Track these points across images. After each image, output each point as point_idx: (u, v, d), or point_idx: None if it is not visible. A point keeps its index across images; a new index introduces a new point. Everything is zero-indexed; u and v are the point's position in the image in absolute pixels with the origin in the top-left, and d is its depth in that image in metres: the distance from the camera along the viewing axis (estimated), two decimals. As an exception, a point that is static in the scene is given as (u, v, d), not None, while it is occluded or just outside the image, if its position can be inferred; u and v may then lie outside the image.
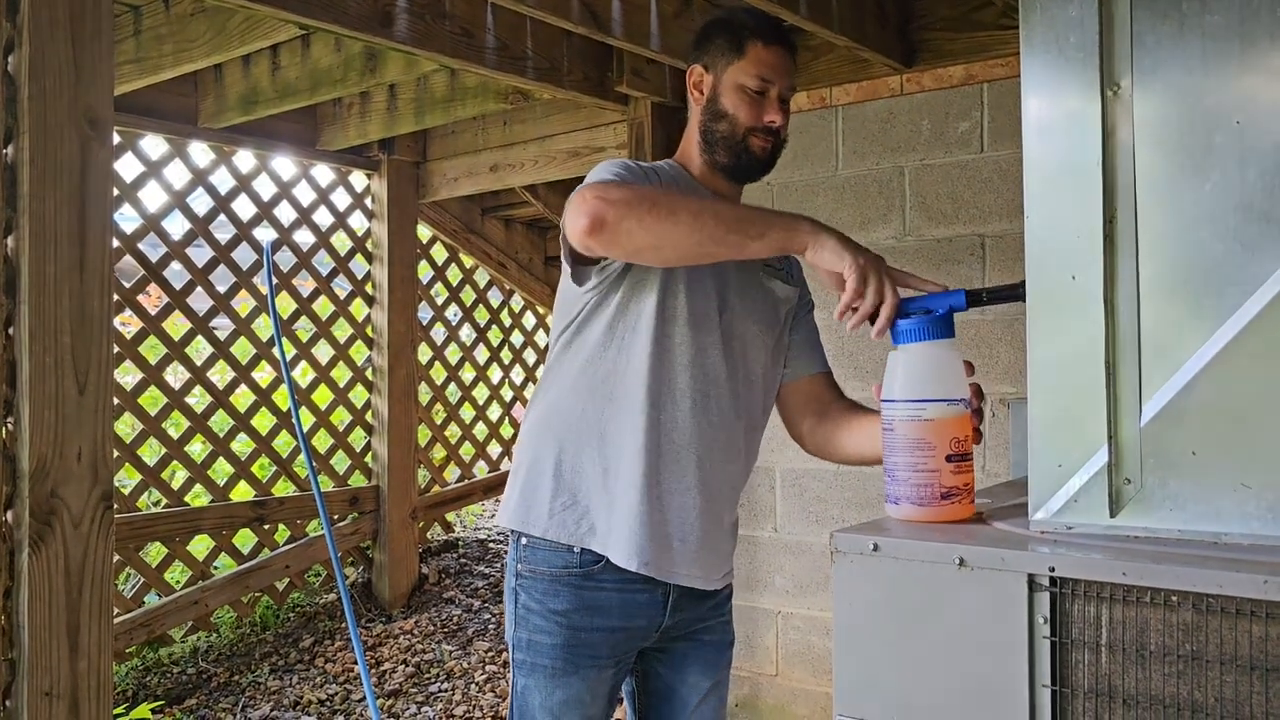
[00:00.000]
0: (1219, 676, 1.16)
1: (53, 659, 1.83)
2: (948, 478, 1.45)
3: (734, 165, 1.82)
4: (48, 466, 1.83)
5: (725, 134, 1.79)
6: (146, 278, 3.99)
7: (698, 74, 1.83)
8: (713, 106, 1.80)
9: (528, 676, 1.75)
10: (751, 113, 1.78)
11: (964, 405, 1.49)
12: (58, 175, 1.84)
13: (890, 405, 1.47)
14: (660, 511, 1.71)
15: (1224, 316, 1.30)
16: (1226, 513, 1.29)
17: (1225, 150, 1.31)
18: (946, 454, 1.44)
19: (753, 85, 1.78)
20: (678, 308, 1.72)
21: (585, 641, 1.72)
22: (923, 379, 1.46)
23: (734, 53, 1.79)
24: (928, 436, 1.44)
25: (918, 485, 1.44)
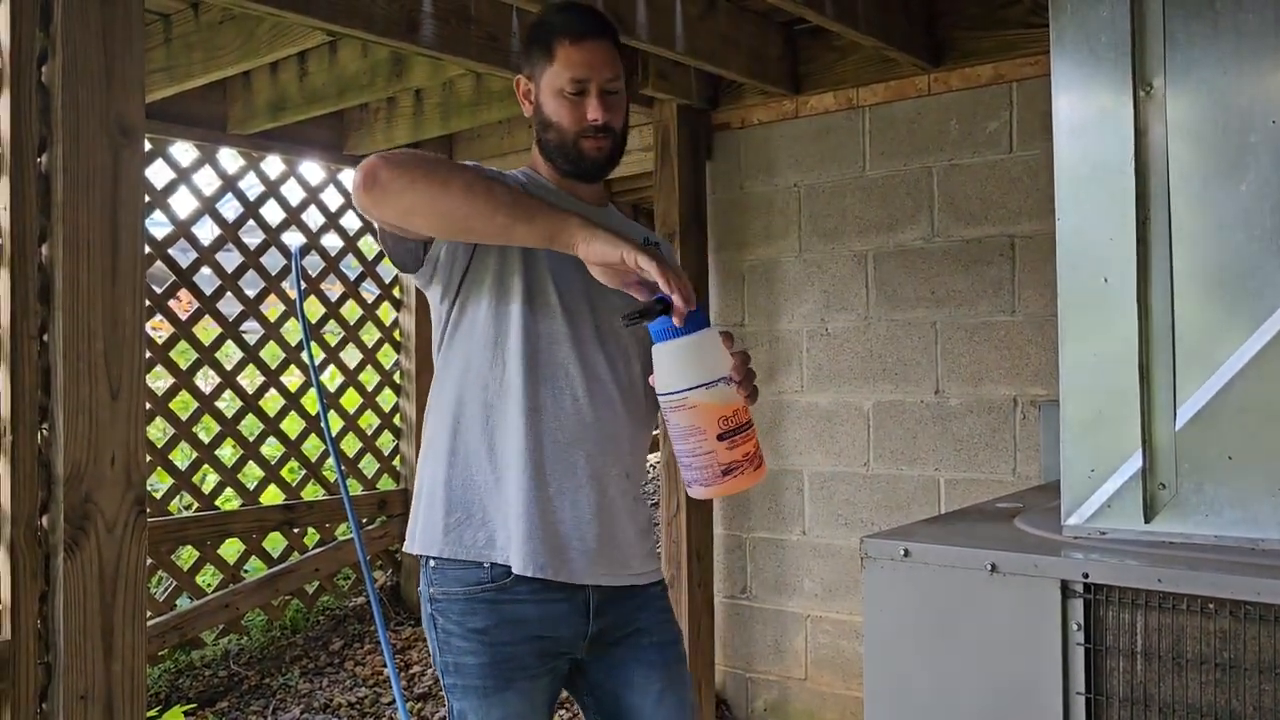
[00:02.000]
0: (1257, 685, 1.15)
1: (88, 662, 1.85)
2: (724, 455, 1.48)
3: (575, 170, 1.77)
4: (82, 472, 1.84)
5: (556, 142, 1.74)
6: (177, 283, 4.02)
7: (523, 84, 1.78)
8: (539, 116, 1.75)
9: (462, 700, 1.71)
10: (574, 115, 1.72)
11: (724, 383, 1.49)
12: (90, 183, 1.86)
13: (661, 399, 1.50)
14: (552, 513, 1.68)
15: (1260, 318, 1.29)
16: (1264, 518, 1.28)
17: (1261, 150, 1.29)
18: (717, 434, 1.47)
19: (569, 88, 1.71)
20: (547, 306, 1.69)
21: (511, 656, 1.68)
22: (681, 370, 1.48)
23: (545, 58, 1.73)
24: (696, 422, 1.47)
25: (701, 467, 1.48)
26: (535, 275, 1.69)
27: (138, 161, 1.94)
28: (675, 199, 3.59)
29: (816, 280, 3.51)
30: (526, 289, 1.68)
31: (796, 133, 3.56)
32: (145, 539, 1.94)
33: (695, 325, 1.49)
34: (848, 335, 3.44)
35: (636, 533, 1.79)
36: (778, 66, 3.42)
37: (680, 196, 3.60)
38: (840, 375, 3.46)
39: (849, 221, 3.44)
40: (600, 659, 1.80)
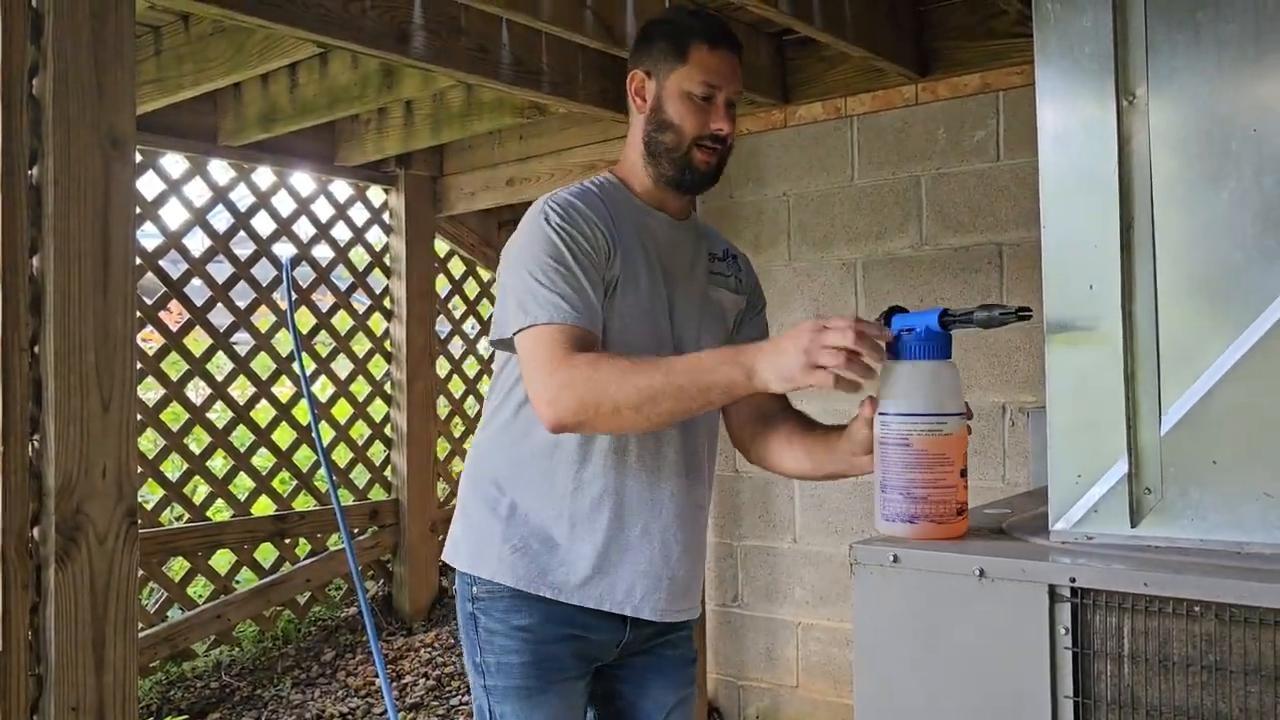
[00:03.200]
0: (1243, 687, 1.16)
1: (79, 674, 1.85)
2: (962, 493, 1.44)
3: (679, 179, 1.73)
4: (73, 483, 1.84)
5: (670, 145, 1.70)
6: (168, 294, 4.02)
7: (639, 80, 1.73)
8: (657, 116, 1.71)
9: (501, 703, 1.70)
10: (698, 122, 1.69)
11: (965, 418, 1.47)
12: (82, 195, 1.86)
13: (905, 419, 1.43)
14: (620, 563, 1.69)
15: (1243, 324, 1.30)
16: (1249, 522, 1.29)
17: (1242, 158, 1.31)
18: (961, 468, 1.43)
19: (699, 92, 1.68)
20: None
21: (553, 655, 1.68)
22: (940, 393, 1.44)
23: (677, 58, 1.69)
24: (948, 452, 1.42)
25: (939, 502, 1.41)
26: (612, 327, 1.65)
27: (129, 173, 1.94)
28: (665, 208, 3.61)
29: (806, 289, 3.53)
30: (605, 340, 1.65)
31: (785, 142, 3.58)
32: (137, 550, 1.94)
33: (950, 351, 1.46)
34: (838, 343, 3.45)
35: (696, 571, 1.79)
36: (766, 76, 3.44)
37: (670, 206, 3.61)
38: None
39: (838, 230, 3.46)
40: (623, 667, 1.81)
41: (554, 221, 1.62)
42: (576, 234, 1.61)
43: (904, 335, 1.44)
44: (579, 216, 1.63)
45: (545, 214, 1.64)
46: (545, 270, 1.58)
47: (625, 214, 1.72)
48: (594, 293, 1.60)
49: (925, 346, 1.44)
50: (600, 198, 1.71)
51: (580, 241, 1.61)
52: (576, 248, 1.60)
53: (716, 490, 3.72)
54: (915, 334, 1.44)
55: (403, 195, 4.65)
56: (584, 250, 1.61)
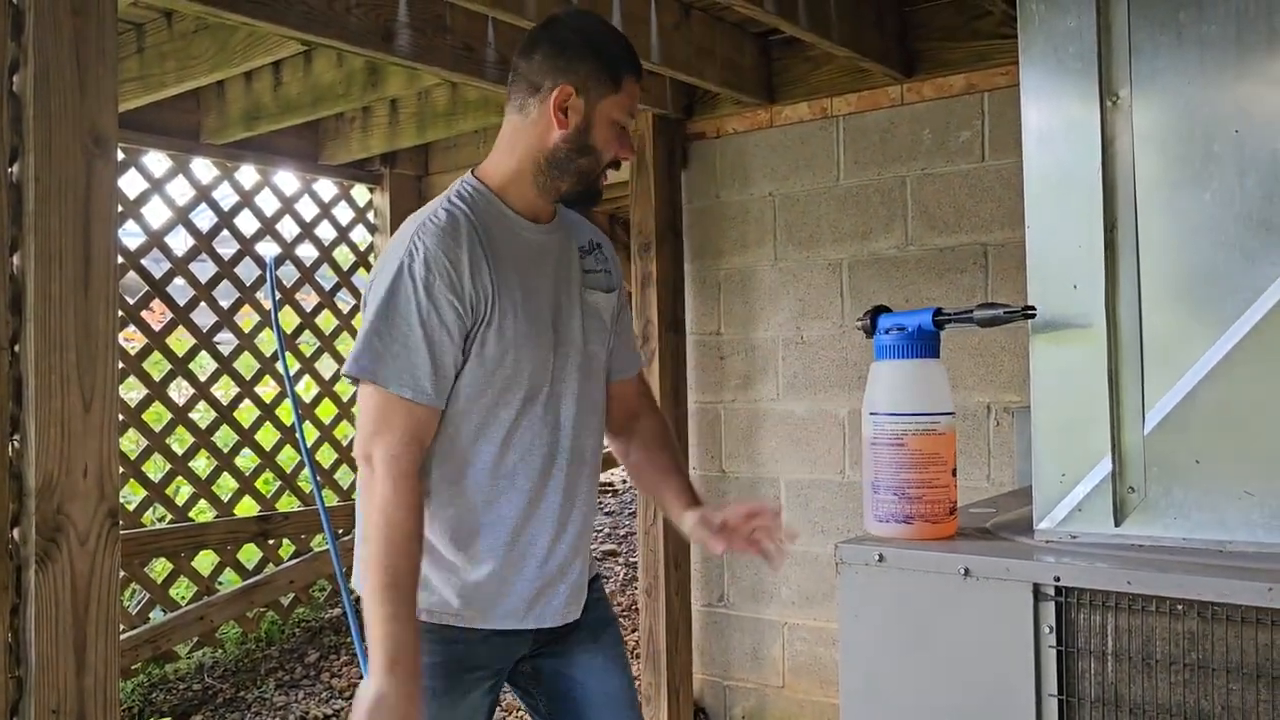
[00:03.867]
0: (1225, 685, 1.16)
1: (59, 676, 1.83)
2: (953, 492, 1.44)
3: (578, 196, 1.72)
4: (54, 483, 1.83)
5: (585, 168, 1.68)
6: (150, 294, 3.99)
7: (568, 95, 1.64)
8: (580, 138, 1.65)
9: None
10: (616, 147, 1.69)
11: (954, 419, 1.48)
12: (63, 193, 1.85)
13: (899, 419, 1.43)
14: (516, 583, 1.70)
15: (1226, 324, 1.31)
16: (1231, 520, 1.30)
17: (1224, 159, 1.32)
18: (953, 468, 1.44)
19: (623, 121, 1.68)
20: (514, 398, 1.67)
21: (463, 655, 1.68)
22: (932, 392, 1.44)
23: (609, 85, 1.66)
24: (941, 451, 1.42)
25: (933, 502, 1.42)
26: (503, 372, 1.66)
27: (111, 172, 1.92)
28: (651, 208, 3.61)
29: (792, 289, 3.53)
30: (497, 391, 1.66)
31: (771, 142, 3.58)
32: (118, 551, 1.92)
33: (939, 350, 1.46)
34: (823, 343, 3.46)
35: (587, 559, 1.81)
36: (752, 76, 3.44)
37: (656, 206, 3.61)
38: (816, 383, 3.47)
39: (824, 230, 3.47)
40: (544, 645, 1.80)
41: (418, 275, 1.57)
42: (438, 291, 1.58)
43: (896, 334, 1.45)
44: (447, 269, 1.58)
45: (409, 264, 1.58)
46: (399, 331, 1.58)
47: (498, 237, 1.66)
48: (446, 360, 1.60)
49: (918, 345, 1.44)
50: (473, 229, 1.63)
51: (441, 302, 1.58)
52: (437, 312, 1.58)
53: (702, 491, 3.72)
54: (907, 332, 1.44)
55: (388, 194, 4.63)
56: (444, 313, 1.58)
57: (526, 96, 1.66)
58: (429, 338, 1.57)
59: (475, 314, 1.60)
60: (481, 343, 1.61)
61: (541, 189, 1.69)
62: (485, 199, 1.68)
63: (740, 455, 3.66)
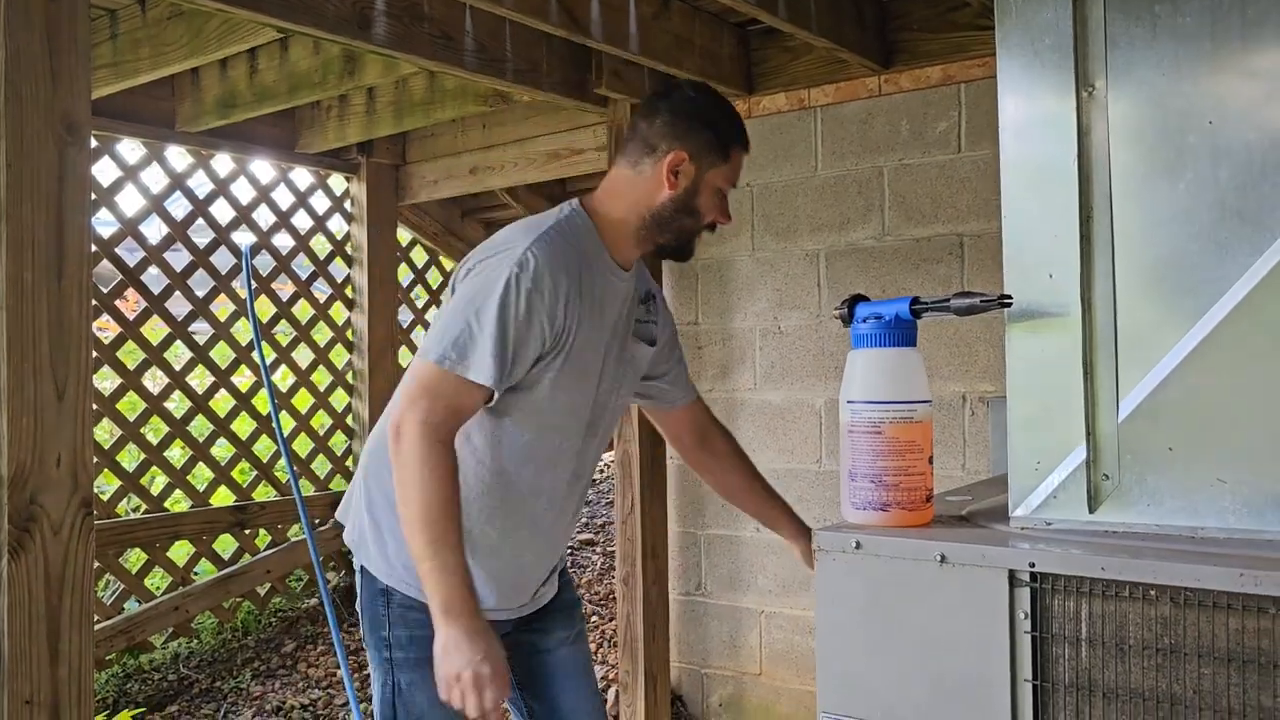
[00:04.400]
0: (1197, 669, 1.18)
1: (33, 666, 1.82)
2: (930, 479, 1.45)
3: (672, 249, 1.85)
4: (27, 474, 1.82)
5: (687, 228, 1.82)
6: (124, 282, 3.96)
7: (681, 160, 1.77)
8: (686, 200, 1.79)
9: (412, 672, 1.78)
10: (716, 214, 1.83)
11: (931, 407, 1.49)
12: (35, 181, 1.83)
13: (876, 407, 1.44)
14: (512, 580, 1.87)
15: (1199, 313, 1.32)
16: (1203, 507, 1.31)
17: (1198, 150, 1.33)
18: (929, 455, 1.45)
19: (726, 189, 1.82)
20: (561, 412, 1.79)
21: None
22: (909, 380, 1.45)
23: (719, 156, 1.79)
24: (917, 439, 1.43)
25: (910, 489, 1.42)
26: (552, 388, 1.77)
27: (84, 159, 1.91)
28: (629, 198, 3.60)
29: (769, 279, 3.54)
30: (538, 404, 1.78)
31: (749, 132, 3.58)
32: (92, 541, 1.91)
33: (915, 339, 1.48)
34: (800, 333, 3.47)
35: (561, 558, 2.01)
36: (730, 67, 3.44)
37: (634, 195, 3.60)
38: (792, 373, 3.49)
39: (801, 220, 3.48)
40: (526, 622, 1.96)
41: (523, 286, 1.65)
42: (537, 310, 1.66)
43: (873, 323, 1.45)
44: (550, 292, 1.67)
45: (518, 275, 1.66)
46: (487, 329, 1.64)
47: (590, 276, 1.76)
48: (517, 370, 1.68)
49: (895, 334, 1.45)
50: (577, 263, 1.73)
51: (538, 317, 1.66)
52: (529, 326, 1.66)
53: (680, 479, 3.73)
54: (885, 321, 1.45)
55: (364, 183, 4.61)
56: (536, 326, 1.67)
57: (642, 155, 1.79)
58: (515, 345, 1.65)
59: (554, 343, 1.71)
60: (546, 367, 1.72)
61: (639, 241, 1.82)
62: (590, 236, 1.79)
63: (718, 445, 3.66)
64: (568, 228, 1.75)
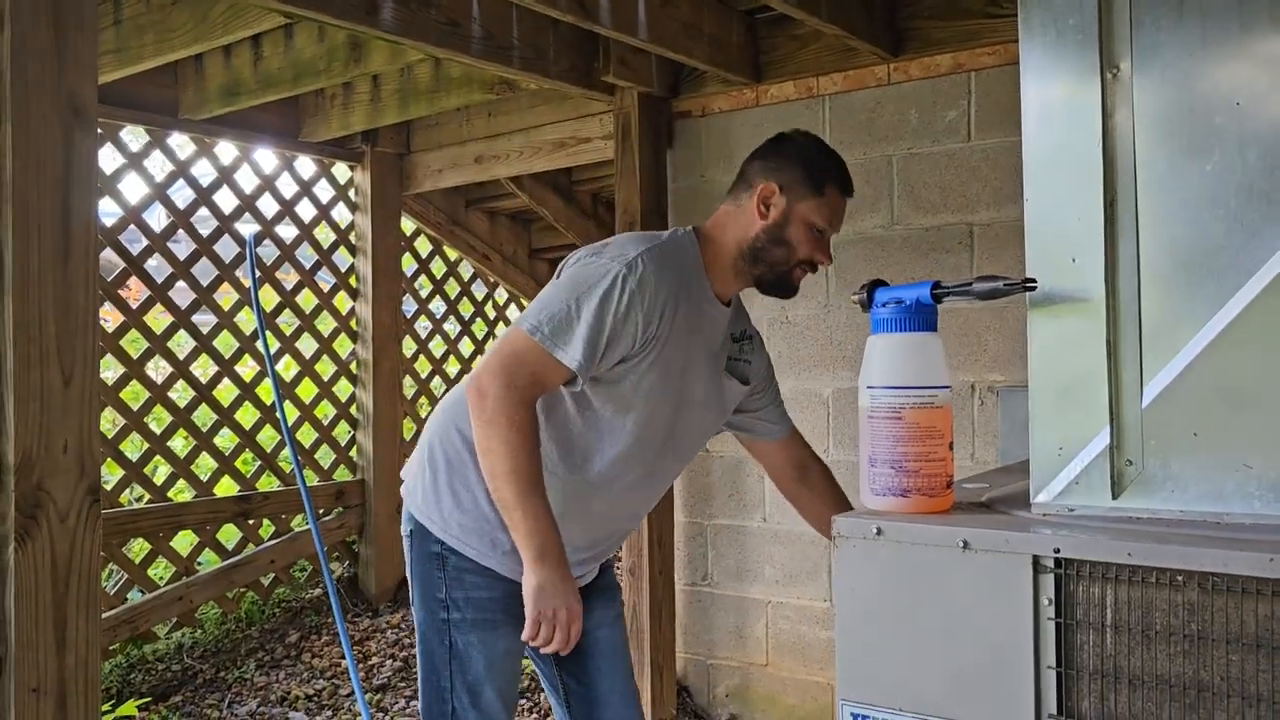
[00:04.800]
0: (1225, 655, 1.16)
1: (39, 655, 1.81)
2: (950, 465, 1.43)
3: (768, 283, 1.92)
4: (33, 459, 1.80)
5: (778, 260, 1.88)
6: (127, 271, 3.94)
7: (770, 191, 1.88)
8: (777, 231, 1.87)
9: (469, 634, 1.87)
10: (809, 249, 1.89)
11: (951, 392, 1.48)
12: (41, 164, 1.81)
13: (896, 392, 1.42)
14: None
15: (1225, 298, 1.30)
16: (1229, 493, 1.30)
17: (1225, 132, 1.31)
18: (949, 441, 1.43)
19: (820, 225, 1.88)
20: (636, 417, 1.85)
21: (513, 593, 1.81)
22: (930, 365, 1.44)
23: (813, 191, 1.87)
24: (938, 424, 1.41)
25: (930, 475, 1.40)
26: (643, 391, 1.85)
27: (90, 143, 1.89)
28: (636, 187, 3.58)
29: (777, 268, 3.52)
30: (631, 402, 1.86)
31: (757, 121, 3.57)
32: (99, 529, 1.90)
33: (936, 324, 1.47)
34: (808, 323, 3.45)
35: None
36: (739, 55, 3.42)
37: (641, 185, 3.59)
38: (800, 363, 3.47)
39: (810, 210, 3.45)
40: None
41: (628, 285, 1.75)
42: (635, 309, 1.75)
43: (894, 307, 1.44)
44: (651, 297, 1.77)
45: (625, 275, 1.76)
46: (586, 318, 1.73)
47: (688, 297, 1.85)
48: (606, 360, 1.77)
49: (916, 318, 1.43)
50: (678, 281, 1.82)
51: (634, 316, 1.75)
52: (625, 324, 1.75)
53: (686, 470, 3.71)
54: (906, 305, 1.43)
55: (369, 172, 4.58)
56: (631, 325, 1.76)
57: (741, 191, 1.92)
58: (608, 337, 1.74)
59: (643, 345, 1.79)
60: (630, 369, 1.80)
61: (737, 272, 1.91)
62: (695, 261, 1.90)
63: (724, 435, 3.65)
64: (676, 247, 1.87)
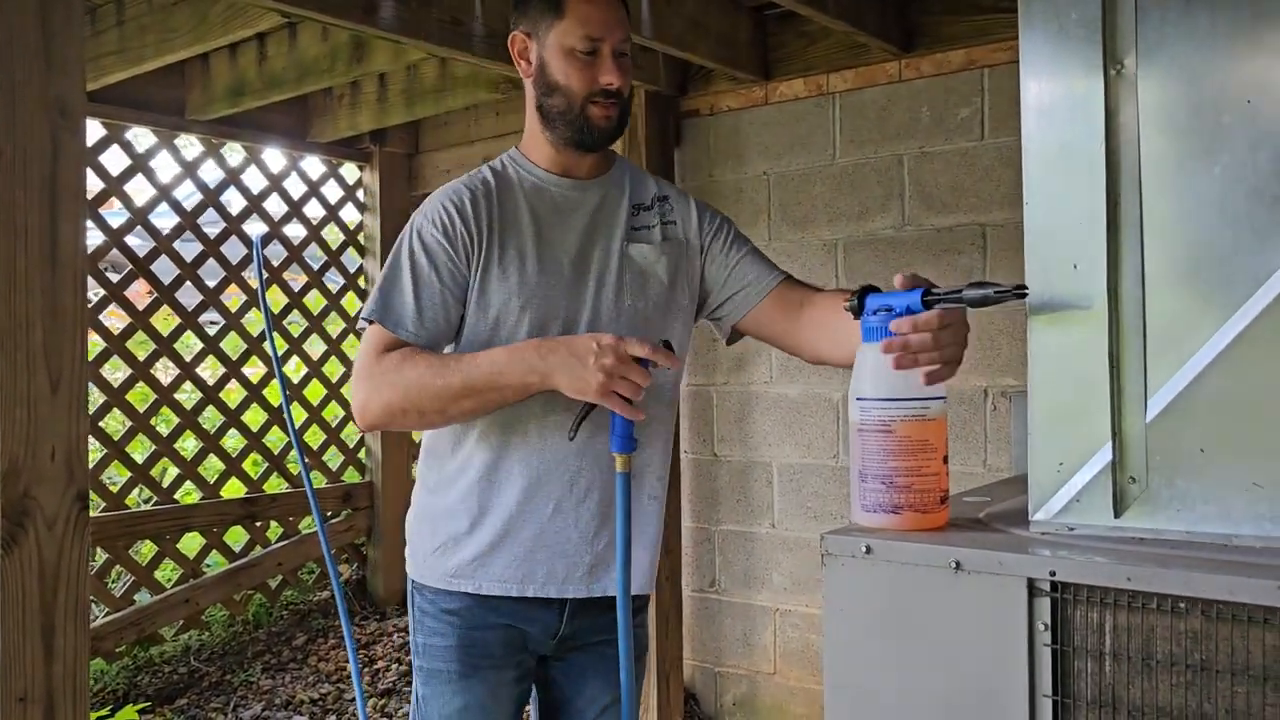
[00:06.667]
0: (1229, 687, 1.10)
1: (26, 663, 1.79)
2: (944, 480, 1.37)
3: (578, 139, 1.66)
4: (20, 466, 1.78)
5: (561, 108, 1.63)
6: (134, 272, 3.92)
7: (520, 42, 1.67)
8: (544, 79, 1.64)
9: (425, 684, 1.70)
10: (585, 79, 1.62)
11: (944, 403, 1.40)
12: (28, 166, 1.79)
13: (887, 405, 1.35)
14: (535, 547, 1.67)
15: (1234, 307, 1.24)
16: (1237, 513, 1.23)
17: (1235, 132, 1.25)
18: (943, 454, 1.37)
19: (581, 47, 1.61)
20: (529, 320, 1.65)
21: (479, 641, 1.66)
22: (904, 377, 1.36)
23: (554, 13, 1.62)
24: (931, 438, 1.35)
25: (922, 491, 1.34)
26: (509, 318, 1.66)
27: (78, 145, 1.86)
28: (643, 187, 3.53)
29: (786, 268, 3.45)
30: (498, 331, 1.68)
31: (766, 120, 3.51)
32: (88, 536, 1.87)
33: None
34: (818, 325, 3.39)
35: (635, 546, 1.68)
36: (747, 52, 3.36)
37: (648, 184, 3.53)
38: (809, 366, 3.40)
39: (819, 210, 3.40)
40: (562, 660, 1.76)
41: (415, 224, 1.65)
42: (436, 244, 1.62)
43: (884, 315, 1.37)
44: (440, 216, 1.63)
45: (414, 218, 1.67)
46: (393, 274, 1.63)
47: (514, 194, 1.69)
48: (428, 306, 1.62)
49: (877, 330, 1.37)
50: (482, 187, 1.67)
51: (432, 245, 1.62)
52: (426, 253, 1.62)
53: (694, 475, 3.66)
54: (896, 313, 1.37)
55: (377, 172, 4.56)
56: (434, 255, 1.62)
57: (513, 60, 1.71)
58: (415, 276, 1.60)
59: (469, 259, 1.62)
60: (481, 290, 1.62)
61: (554, 144, 1.69)
62: (514, 161, 1.73)
63: (732, 439, 3.60)
64: (473, 175, 1.71)
